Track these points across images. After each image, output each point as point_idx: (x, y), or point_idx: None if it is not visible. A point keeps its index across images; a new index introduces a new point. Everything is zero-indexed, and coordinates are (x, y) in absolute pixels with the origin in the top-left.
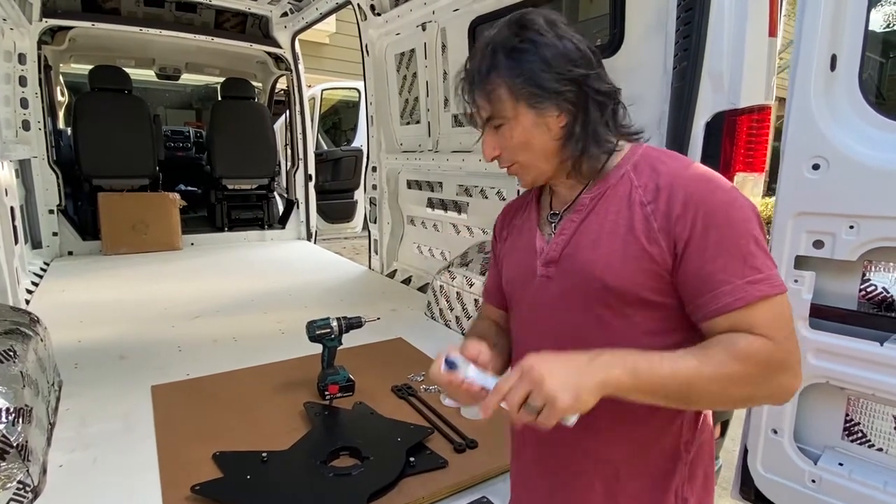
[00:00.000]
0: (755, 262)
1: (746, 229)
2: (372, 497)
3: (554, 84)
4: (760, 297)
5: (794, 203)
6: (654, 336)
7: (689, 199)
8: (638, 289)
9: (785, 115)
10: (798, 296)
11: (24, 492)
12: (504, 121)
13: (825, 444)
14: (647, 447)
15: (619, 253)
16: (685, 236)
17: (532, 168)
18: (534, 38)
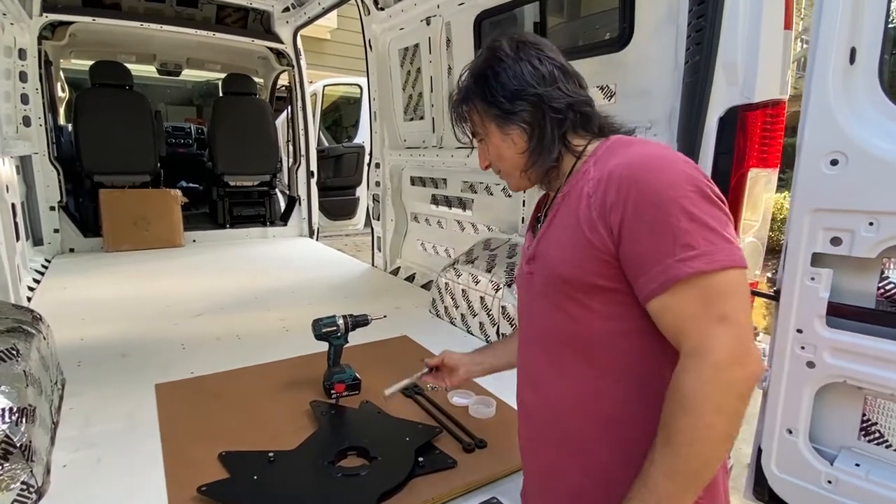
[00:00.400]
0: (688, 240)
1: (676, 206)
2: (381, 498)
3: (509, 105)
4: (691, 273)
5: (810, 199)
6: (613, 321)
7: (621, 184)
8: (588, 276)
9: (801, 109)
10: (815, 294)
11: (28, 493)
12: (482, 137)
13: (841, 445)
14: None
15: (569, 245)
16: (618, 221)
17: (510, 177)
18: (495, 66)
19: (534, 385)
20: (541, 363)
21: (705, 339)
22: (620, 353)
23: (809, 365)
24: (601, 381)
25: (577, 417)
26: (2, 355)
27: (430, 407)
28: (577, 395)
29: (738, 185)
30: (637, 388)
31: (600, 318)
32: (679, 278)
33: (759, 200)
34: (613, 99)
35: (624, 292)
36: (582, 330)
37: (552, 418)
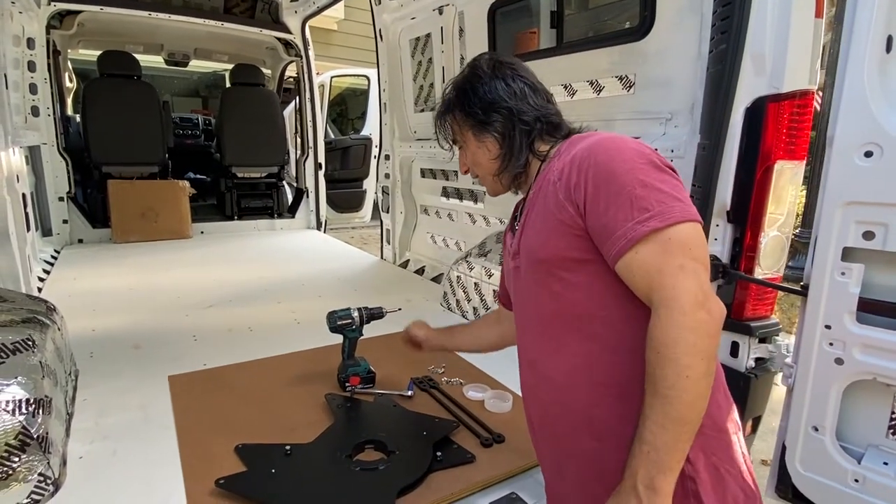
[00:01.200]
0: (643, 204)
1: (631, 178)
2: (401, 492)
3: (484, 116)
4: (648, 231)
5: (842, 192)
6: (592, 289)
7: (580, 166)
8: (561, 251)
9: (834, 99)
10: (845, 289)
11: (46, 484)
12: (461, 144)
13: (869, 443)
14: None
15: (542, 228)
16: (582, 199)
17: (486, 181)
18: (473, 81)
19: (532, 366)
20: (535, 344)
21: (668, 288)
22: (606, 319)
23: (838, 361)
24: (594, 349)
25: (577, 387)
26: (18, 346)
27: (446, 401)
28: (573, 366)
29: (764, 177)
30: (629, 350)
31: (580, 288)
32: (637, 238)
33: (784, 193)
34: (632, 90)
35: (598, 262)
36: (566, 303)
37: (554, 393)
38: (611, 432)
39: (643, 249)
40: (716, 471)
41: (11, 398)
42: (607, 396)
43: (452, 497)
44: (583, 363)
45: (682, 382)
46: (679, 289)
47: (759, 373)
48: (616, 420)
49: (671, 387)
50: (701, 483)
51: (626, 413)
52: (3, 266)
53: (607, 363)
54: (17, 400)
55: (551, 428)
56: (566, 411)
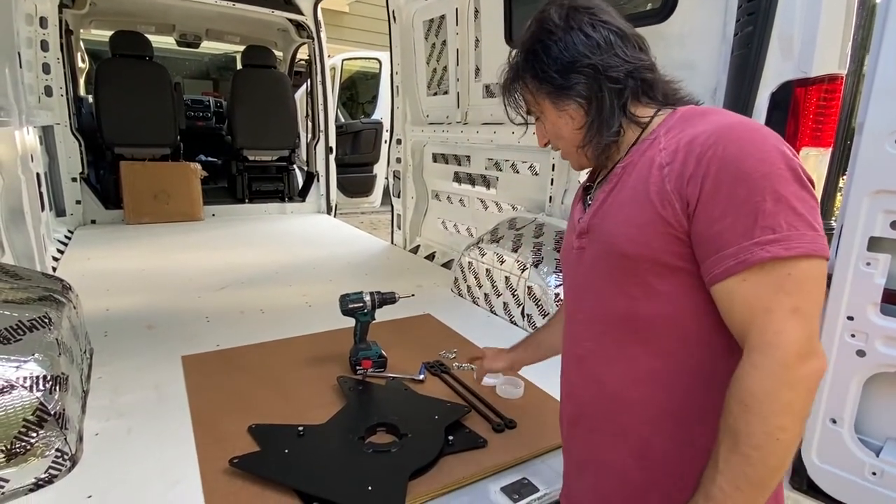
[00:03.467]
0: (770, 222)
1: (763, 185)
2: (413, 475)
3: (563, 80)
4: (767, 258)
5: (871, 181)
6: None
7: (703, 155)
8: (656, 254)
9: (865, 85)
10: (870, 280)
11: (63, 460)
12: (537, 115)
13: (888, 436)
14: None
15: (636, 218)
16: (696, 195)
17: (570, 155)
18: (544, 39)
19: (582, 365)
20: (590, 343)
21: (772, 333)
22: (684, 338)
23: (859, 353)
24: (660, 367)
25: (629, 402)
26: (34, 323)
27: (457, 386)
28: (631, 379)
29: None
30: (701, 379)
31: (664, 299)
32: (754, 263)
33: None
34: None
35: (693, 273)
36: (642, 310)
37: (601, 400)
38: (654, 460)
39: (754, 278)
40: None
41: (29, 374)
42: (662, 421)
43: (464, 481)
44: (644, 379)
45: (772, 445)
46: (785, 336)
47: None
48: (663, 450)
49: (757, 447)
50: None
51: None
52: (18, 245)
53: (674, 386)
54: (34, 376)
55: (587, 432)
56: (609, 422)
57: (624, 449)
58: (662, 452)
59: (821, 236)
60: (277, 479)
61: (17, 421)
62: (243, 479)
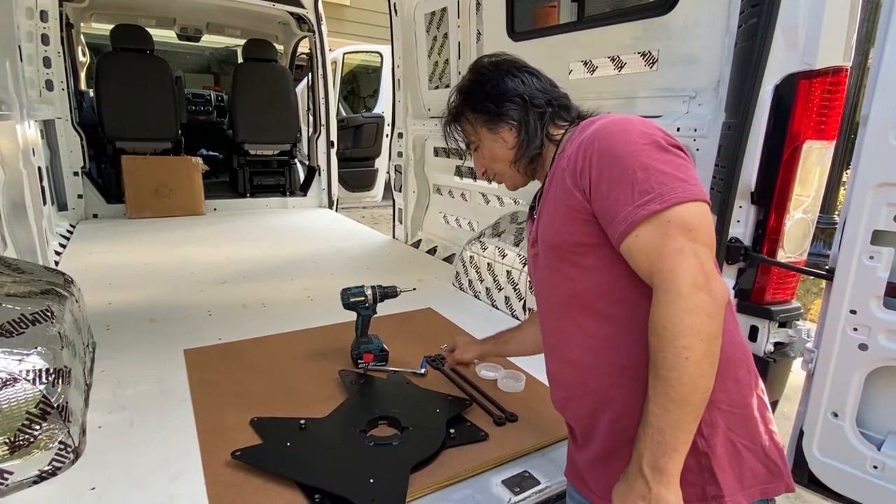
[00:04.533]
0: (643, 186)
1: (632, 162)
2: (414, 468)
3: (497, 108)
4: (647, 214)
5: (875, 173)
6: (604, 272)
7: (585, 152)
8: (573, 236)
9: (869, 78)
10: (873, 274)
11: (66, 452)
12: (475, 144)
13: (889, 430)
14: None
15: (555, 214)
16: (587, 184)
17: (505, 175)
18: (480, 80)
19: (553, 349)
20: (555, 329)
21: (666, 271)
22: (621, 301)
23: (862, 347)
24: (608, 331)
25: (596, 369)
26: (37, 317)
27: (459, 379)
28: (591, 348)
29: (791, 158)
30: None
31: (595, 272)
32: (637, 221)
33: (811, 175)
34: (655, 66)
35: (607, 246)
36: (580, 287)
37: (574, 375)
38: (626, 413)
39: (643, 232)
40: (732, 446)
41: (32, 368)
42: (623, 377)
43: (465, 474)
44: (599, 345)
45: (682, 364)
46: (676, 272)
47: (777, 357)
48: (631, 400)
49: (671, 369)
50: (716, 458)
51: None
52: (20, 239)
53: (623, 344)
54: (37, 369)
55: (576, 410)
56: (586, 392)
57: (604, 413)
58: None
59: (692, 184)
60: (279, 472)
61: (21, 413)
62: (245, 471)
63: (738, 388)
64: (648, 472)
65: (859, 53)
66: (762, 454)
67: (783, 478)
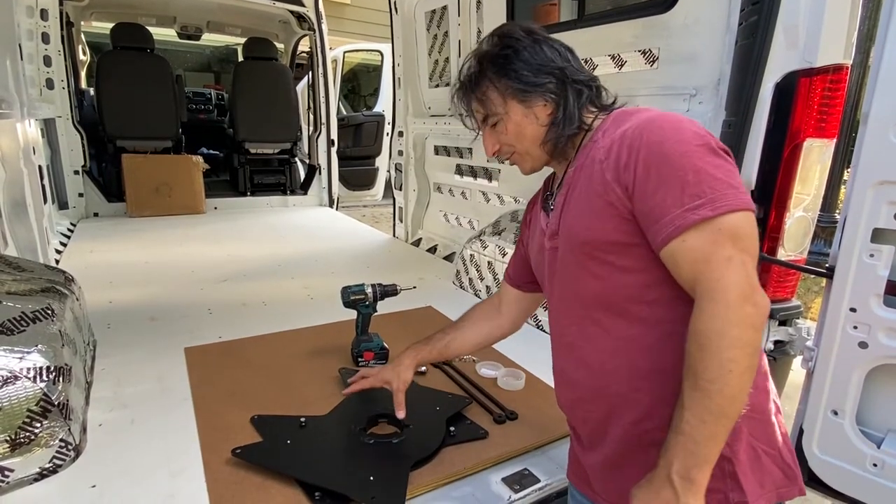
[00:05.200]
0: (694, 190)
1: (683, 162)
2: (414, 466)
3: (535, 78)
4: (698, 220)
5: (875, 171)
6: (637, 273)
7: (631, 146)
8: (609, 234)
9: (870, 75)
10: (873, 272)
11: (67, 450)
12: (497, 118)
13: (890, 428)
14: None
15: (588, 209)
16: (631, 180)
17: (528, 155)
18: (513, 45)
19: (571, 350)
20: (575, 328)
21: (714, 280)
22: (650, 303)
23: (862, 345)
24: (634, 334)
25: (618, 371)
26: (37, 315)
27: (459, 378)
28: (615, 349)
29: (792, 156)
30: (670, 334)
31: (626, 272)
32: (686, 226)
33: (811, 173)
34: (656, 64)
35: (645, 245)
36: (610, 287)
37: (593, 377)
38: (646, 417)
39: (691, 238)
40: (753, 451)
41: (32, 365)
42: (646, 381)
43: (465, 472)
44: (624, 347)
45: (725, 377)
46: (725, 281)
47: (777, 355)
48: (653, 404)
49: (713, 380)
50: (739, 464)
51: (664, 396)
52: (21, 237)
53: (649, 348)
54: (37, 367)
55: (588, 412)
56: (604, 395)
57: (622, 417)
58: (647, 407)
59: (742, 193)
60: (279, 470)
61: (22, 411)
62: (246, 469)
63: (758, 393)
64: (678, 480)
65: (860, 51)
66: (779, 458)
67: (797, 481)
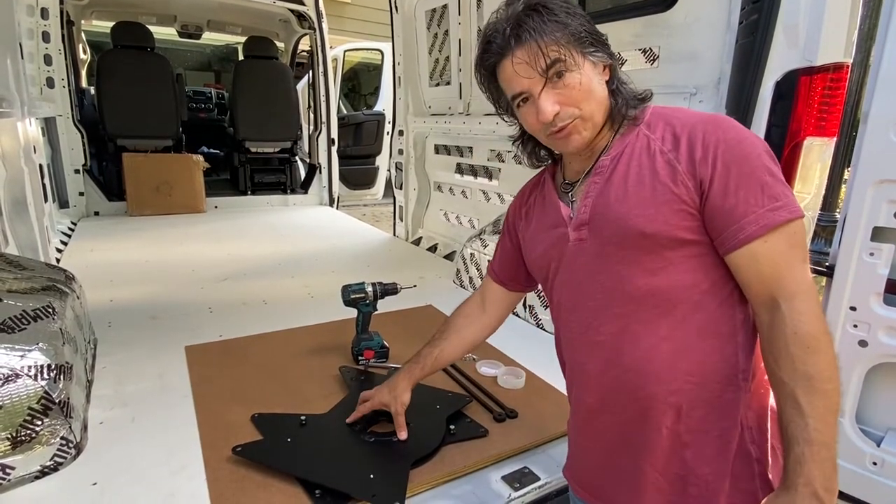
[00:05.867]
0: (772, 192)
1: (760, 163)
2: (414, 464)
3: (598, 36)
4: (782, 221)
5: (875, 170)
6: (695, 273)
7: (707, 141)
8: (672, 229)
9: (870, 75)
10: (873, 270)
11: (68, 448)
12: (563, 67)
13: (889, 427)
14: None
15: (650, 199)
16: (709, 175)
17: (590, 121)
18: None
19: (602, 350)
20: (611, 326)
21: (802, 281)
22: (698, 304)
23: (862, 344)
24: (679, 335)
25: (653, 374)
26: (38, 313)
27: (459, 376)
28: (660, 350)
29: (792, 154)
30: (715, 340)
31: (680, 270)
32: (774, 225)
33: (811, 172)
34: (657, 63)
35: (702, 244)
36: (661, 283)
37: (630, 378)
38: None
39: (773, 238)
40: (773, 451)
41: (33, 363)
42: (686, 384)
43: (465, 470)
44: (671, 348)
45: (837, 374)
46: (808, 282)
47: None
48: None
49: (828, 380)
50: (767, 464)
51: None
52: (22, 236)
53: (696, 350)
54: (38, 365)
55: (616, 416)
56: (640, 398)
57: (658, 422)
58: (690, 414)
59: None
60: (280, 468)
61: (23, 409)
62: (246, 467)
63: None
64: (824, 494)
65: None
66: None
67: None
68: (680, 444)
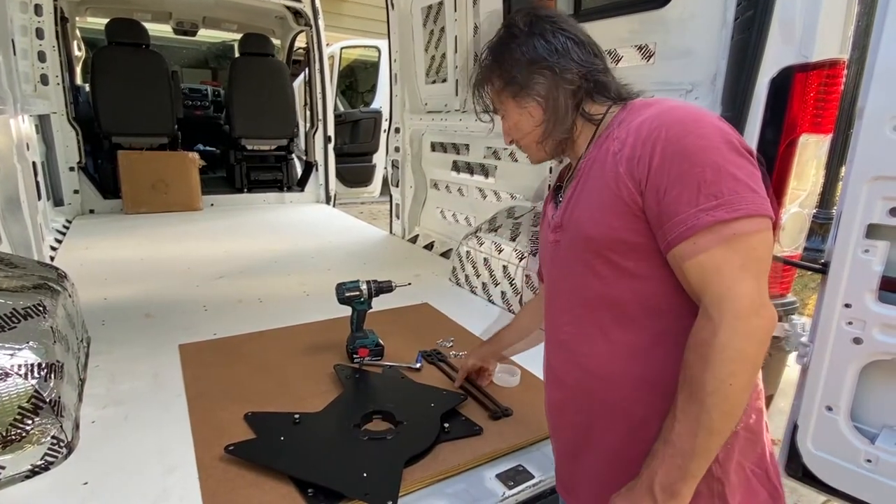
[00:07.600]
0: (712, 189)
1: (703, 157)
2: (408, 462)
3: (523, 79)
4: (712, 222)
5: (870, 167)
6: (644, 278)
7: (647, 138)
8: (615, 231)
9: (866, 70)
10: (868, 267)
11: (59, 447)
12: (502, 113)
13: (884, 424)
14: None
15: (597, 203)
16: (645, 174)
17: (528, 148)
18: (509, 42)
19: (564, 349)
20: (571, 326)
21: (725, 289)
22: (655, 310)
23: (856, 341)
24: (636, 340)
25: (611, 378)
26: (29, 311)
27: (454, 374)
28: (613, 355)
29: (788, 151)
30: (673, 347)
31: (631, 275)
32: (699, 227)
33: (807, 168)
34: (653, 60)
35: (654, 248)
36: (613, 289)
37: (584, 381)
38: (646, 428)
39: (703, 241)
40: (742, 472)
41: (24, 362)
42: (646, 392)
43: (459, 468)
44: (626, 354)
45: (725, 390)
46: (736, 291)
47: (772, 352)
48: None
49: (712, 393)
50: (728, 485)
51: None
52: (15, 234)
53: (652, 357)
54: (28, 364)
55: (575, 415)
56: (594, 400)
57: (612, 426)
58: (646, 420)
59: (762, 198)
60: (273, 466)
61: (13, 408)
62: (239, 465)
63: (751, 412)
64: (660, 493)
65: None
66: (765, 478)
67: (781, 501)
68: (637, 451)
